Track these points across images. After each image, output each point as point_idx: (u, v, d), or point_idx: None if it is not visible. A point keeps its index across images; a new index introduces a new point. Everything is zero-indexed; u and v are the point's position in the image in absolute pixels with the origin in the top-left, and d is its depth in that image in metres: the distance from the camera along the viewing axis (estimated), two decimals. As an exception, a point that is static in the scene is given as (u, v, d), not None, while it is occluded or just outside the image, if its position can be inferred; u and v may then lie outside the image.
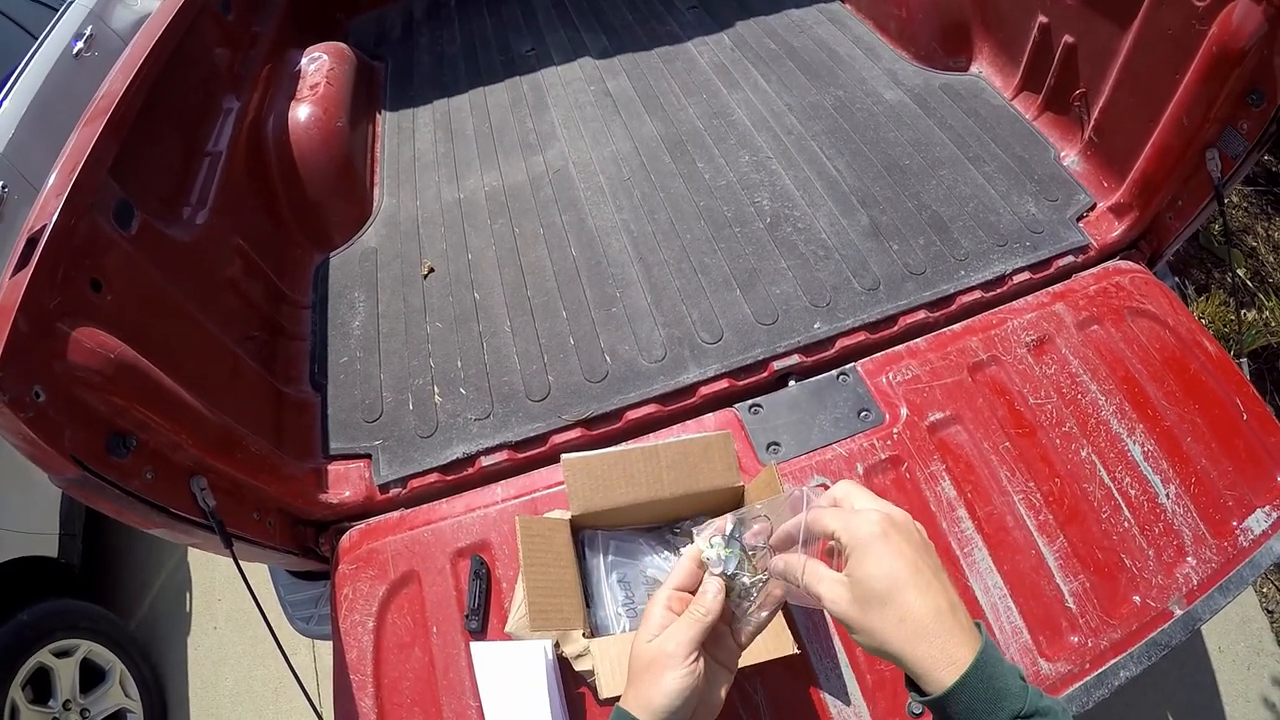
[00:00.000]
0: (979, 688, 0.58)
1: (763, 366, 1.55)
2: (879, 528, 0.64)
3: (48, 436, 0.96)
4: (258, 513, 1.34)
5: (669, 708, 0.66)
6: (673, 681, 0.67)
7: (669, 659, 0.67)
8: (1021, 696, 0.58)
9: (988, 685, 0.58)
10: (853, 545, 0.64)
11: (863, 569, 0.63)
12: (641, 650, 0.70)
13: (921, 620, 0.60)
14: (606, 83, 2.27)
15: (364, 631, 1.30)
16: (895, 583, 0.61)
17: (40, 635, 2.24)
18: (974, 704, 0.58)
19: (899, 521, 0.66)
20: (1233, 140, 1.49)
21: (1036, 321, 1.54)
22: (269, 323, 1.71)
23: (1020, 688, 0.59)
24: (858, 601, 0.63)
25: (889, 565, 0.62)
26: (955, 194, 1.78)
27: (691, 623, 0.69)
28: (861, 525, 0.64)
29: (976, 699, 0.58)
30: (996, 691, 0.58)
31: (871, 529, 0.64)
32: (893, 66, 2.16)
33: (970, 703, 0.58)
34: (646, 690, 0.68)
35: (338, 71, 2.16)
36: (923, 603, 0.61)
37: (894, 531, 0.64)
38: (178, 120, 1.65)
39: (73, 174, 1.16)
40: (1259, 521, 1.35)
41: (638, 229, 1.81)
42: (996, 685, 0.58)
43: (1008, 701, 0.58)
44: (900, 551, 0.63)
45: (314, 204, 1.96)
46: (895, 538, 0.64)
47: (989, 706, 0.58)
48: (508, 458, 1.49)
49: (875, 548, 0.63)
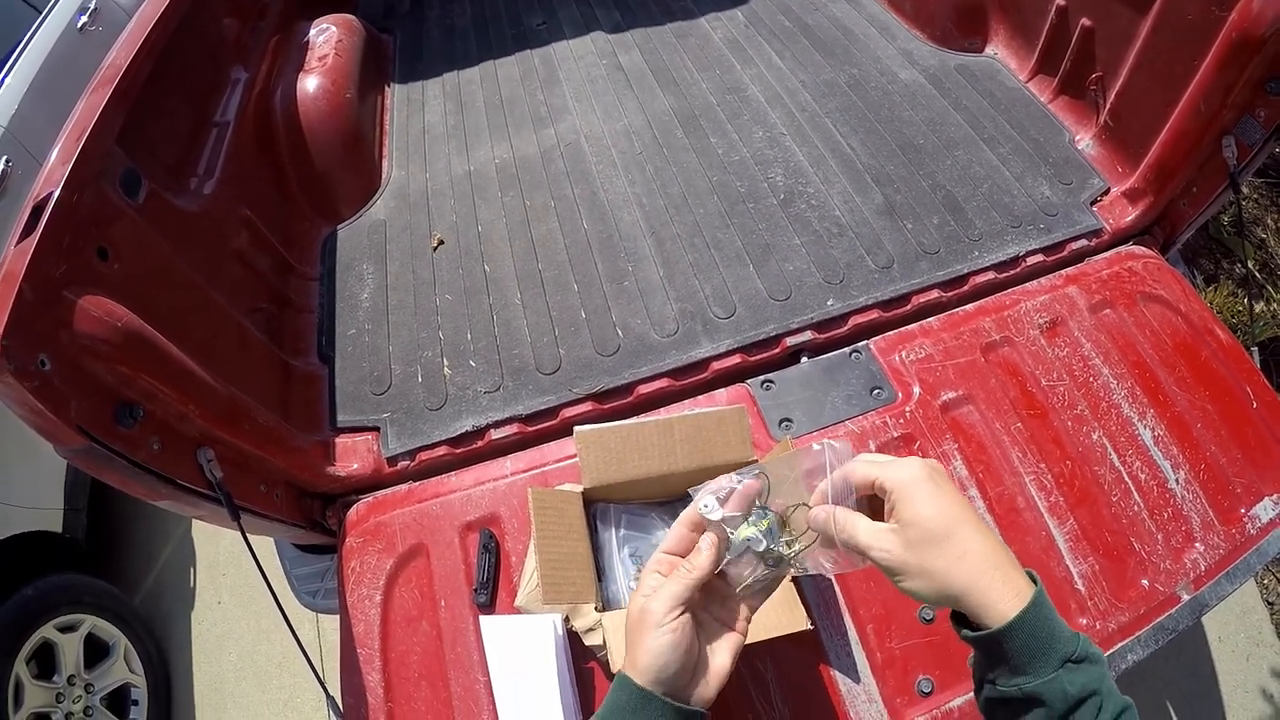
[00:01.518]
0: (1038, 624, 0.58)
1: (775, 342, 1.54)
2: (923, 470, 0.63)
3: (54, 406, 0.95)
4: (265, 485, 1.33)
5: (652, 665, 0.64)
6: (655, 639, 0.64)
7: (650, 615, 0.65)
8: (1073, 640, 0.58)
9: (1043, 625, 0.58)
10: (899, 490, 0.63)
11: (914, 510, 0.62)
12: (630, 611, 0.68)
13: (984, 553, 0.60)
14: (619, 57, 2.24)
15: (371, 605, 1.30)
16: (952, 518, 0.61)
17: (44, 610, 2.24)
18: (1030, 641, 0.58)
19: (937, 467, 0.65)
20: (1250, 128, 1.47)
21: (1049, 304, 1.53)
22: (276, 294, 1.70)
23: (1072, 632, 0.59)
24: (913, 545, 0.62)
25: (943, 503, 0.62)
26: (969, 175, 1.76)
27: (675, 578, 0.67)
28: (904, 470, 0.64)
29: (1033, 635, 0.58)
30: (1051, 632, 0.58)
31: (915, 472, 0.63)
32: (908, 46, 2.13)
33: (1026, 640, 0.58)
34: (634, 651, 0.66)
35: (346, 43, 2.13)
36: (981, 537, 0.61)
37: (939, 476, 0.64)
38: (185, 90, 1.62)
39: (79, 142, 1.14)
40: (1267, 510, 1.35)
41: (650, 203, 1.80)
42: (1051, 625, 0.58)
43: (1060, 643, 0.58)
44: (951, 494, 0.63)
45: (322, 175, 1.94)
46: (941, 481, 0.64)
47: (1042, 646, 0.58)
48: (517, 431, 1.49)
49: (925, 488, 0.62)
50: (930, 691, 1.18)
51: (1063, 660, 0.57)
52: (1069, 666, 0.57)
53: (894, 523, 0.63)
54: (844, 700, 1.18)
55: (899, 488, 0.63)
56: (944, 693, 1.18)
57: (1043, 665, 0.57)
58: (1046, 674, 0.57)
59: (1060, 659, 0.57)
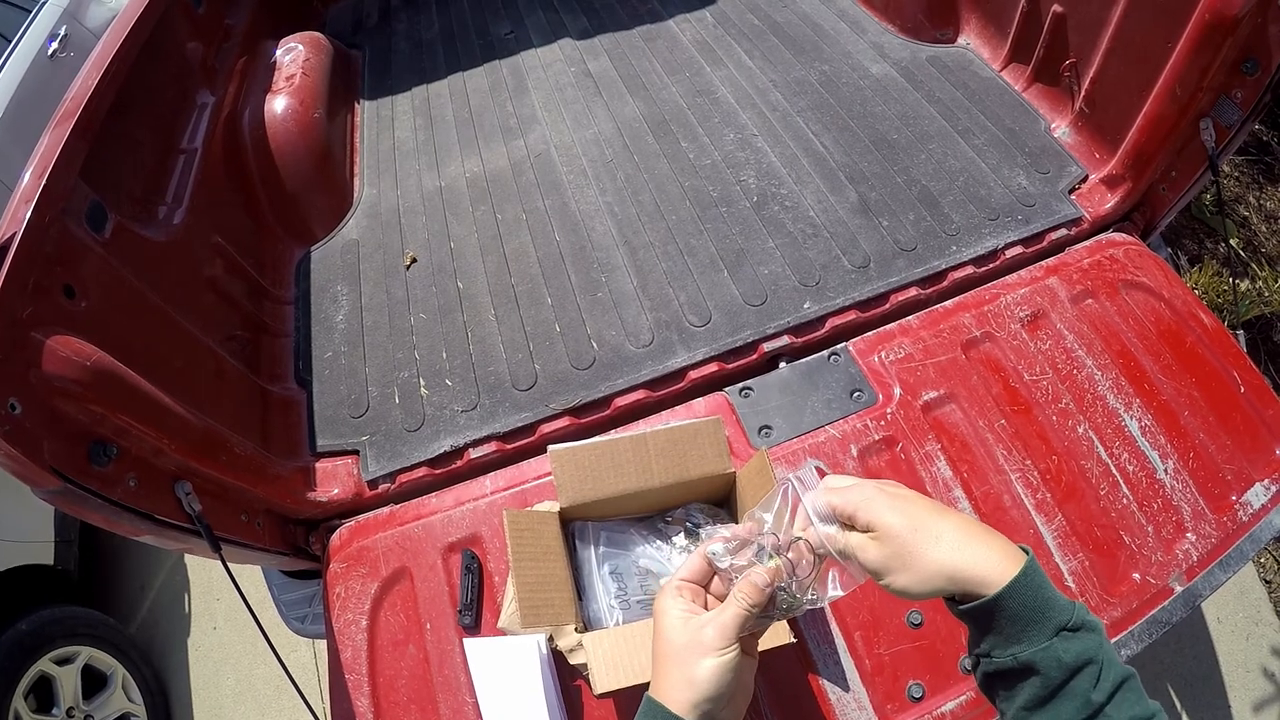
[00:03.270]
0: (1029, 593, 0.57)
1: (752, 349, 1.52)
2: (873, 488, 0.66)
3: (26, 450, 0.94)
4: (245, 514, 1.32)
5: (705, 693, 0.64)
6: (711, 666, 0.65)
7: (706, 644, 0.65)
8: (1069, 609, 0.58)
9: (1036, 594, 0.57)
10: (859, 509, 0.65)
11: (878, 518, 0.64)
12: (674, 639, 0.68)
13: (958, 531, 0.61)
14: (587, 63, 2.23)
15: (358, 630, 1.29)
16: (915, 513, 0.63)
17: (40, 644, 2.23)
18: (1022, 609, 0.57)
19: (890, 482, 0.69)
20: (1227, 109, 1.46)
21: (1030, 296, 1.52)
22: (251, 320, 1.69)
23: (1067, 601, 0.59)
24: (887, 542, 0.63)
25: (901, 503, 0.64)
26: (945, 168, 1.75)
27: (736, 606, 0.67)
28: (855, 491, 0.67)
29: (1025, 604, 0.57)
30: (1045, 600, 0.58)
31: (868, 490, 0.66)
32: (879, 40, 2.11)
33: (1019, 608, 0.57)
34: (679, 677, 0.66)
35: (314, 62, 2.12)
36: (952, 519, 0.62)
37: (889, 487, 0.67)
38: (150, 118, 1.61)
39: (41, 179, 1.13)
40: (1258, 495, 1.34)
41: (622, 211, 1.78)
42: (1044, 594, 0.58)
43: (1055, 612, 0.57)
44: (905, 493, 0.66)
45: (293, 197, 1.93)
46: (892, 489, 0.67)
47: (1036, 614, 0.57)
48: (496, 449, 1.47)
49: (880, 500, 0.65)
50: (921, 696, 1.17)
51: (1058, 629, 0.57)
52: (1064, 635, 0.57)
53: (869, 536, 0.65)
54: (834, 709, 1.17)
55: (859, 507, 0.65)
56: (935, 697, 1.17)
57: (1036, 633, 0.57)
58: (1041, 642, 0.57)
59: (1055, 627, 0.57)
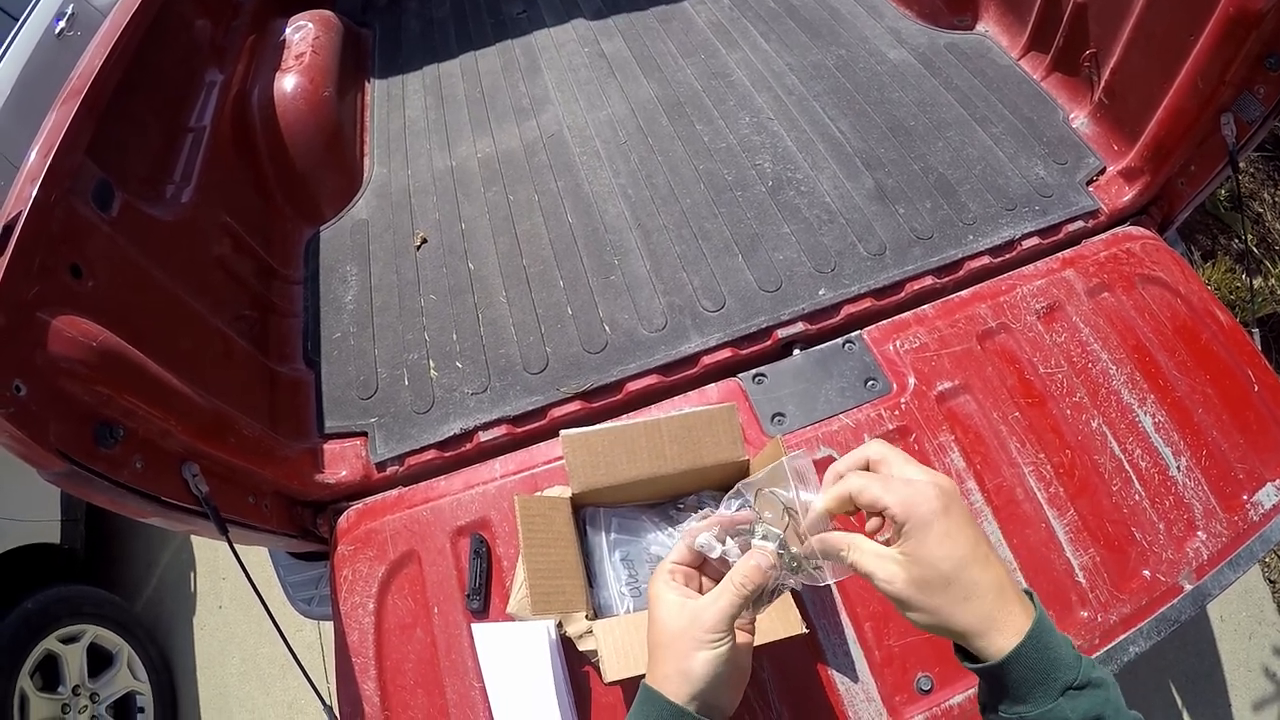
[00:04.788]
0: (1033, 657, 0.58)
1: (766, 335, 1.51)
2: (938, 503, 0.61)
3: (32, 432, 0.93)
4: (253, 496, 1.31)
5: (701, 679, 0.65)
6: (707, 653, 0.65)
7: (701, 630, 0.65)
8: (1075, 666, 0.58)
9: (1042, 654, 0.58)
10: (912, 523, 0.61)
11: (926, 549, 0.60)
12: (669, 625, 0.68)
13: (989, 593, 0.59)
14: (601, 44, 2.20)
15: (365, 613, 1.28)
16: (961, 562, 0.60)
17: (46, 622, 2.25)
18: (1028, 672, 0.58)
19: (951, 492, 0.63)
20: (1249, 105, 1.44)
21: (1046, 288, 1.50)
22: (259, 300, 1.67)
23: (1074, 658, 0.59)
24: (918, 583, 0.60)
25: (954, 545, 0.60)
26: (962, 156, 1.73)
27: (732, 593, 0.67)
28: (920, 501, 0.61)
29: (1031, 667, 0.58)
30: (1050, 661, 0.58)
31: (932, 505, 0.61)
32: (896, 25, 2.08)
33: (1024, 671, 0.58)
34: (673, 664, 0.66)
35: (324, 40, 2.09)
36: (986, 579, 0.60)
37: (954, 506, 0.62)
38: (158, 96, 1.59)
39: (47, 158, 1.11)
40: (1270, 495, 1.33)
41: (635, 194, 1.76)
42: (1050, 654, 0.58)
43: (1061, 671, 0.58)
44: (962, 529, 0.61)
45: (302, 176, 1.91)
46: (955, 513, 0.61)
47: (1042, 676, 0.58)
48: (506, 432, 1.46)
49: (938, 527, 0.60)
50: (930, 689, 1.16)
51: (1064, 688, 0.57)
52: (1070, 694, 0.57)
53: (900, 552, 0.62)
54: (842, 699, 1.17)
55: (910, 519, 0.61)
56: (944, 690, 1.16)
57: (1043, 695, 0.57)
58: (1047, 703, 0.57)
59: (1061, 687, 0.57)
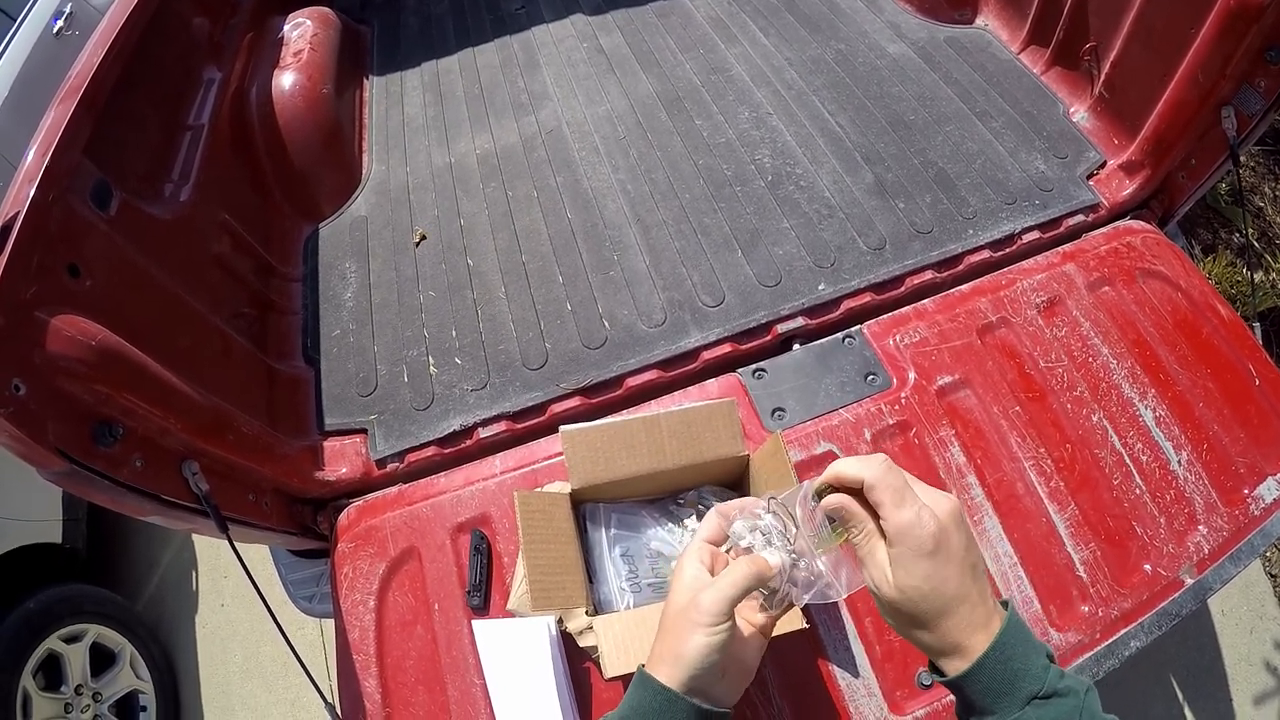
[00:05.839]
0: (995, 670, 0.59)
1: (766, 330, 1.51)
2: (931, 544, 0.61)
3: (31, 431, 0.93)
4: (253, 494, 1.31)
5: (693, 664, 0.65)
6: (703, 638, 0.65)
7: (700, 614, 0.66)
8: (1040, 678, 0.59)
9: (1004, 667, 0.59)
10: (899, 549, 0.61)
11: (909, 583, 0.61)
12: (675, 601, 0.69)
13: (957, 625, 0.61)
14: (600, 39, 2.19)
15: (365, 610, 1.28)
16: (939, 602, 0.61)
17: (48, 622, 2.25)
18: (991, 684, 0.59)
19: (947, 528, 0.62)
20: (1249, 98, 1.43)
21: (1046, 282, 1.50)
22: (259, 298, 1.67)
23: (1041, 668, 0.60)
24: (893, 602, 0.63)
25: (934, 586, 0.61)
26: (962, 151, 1.72)
27: (733, 580, 0.67)
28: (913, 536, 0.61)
29: (993, 680, 0.59)
30: (1014, 673, 0.59)
31: (923, 545, 0.61)
32: (895, 19, 2.08)
33: (988, 683, 0.59)
34: (672, 647, 0.67)
35: (322, 37, 2.08)
36: (958, 617, 0.61)
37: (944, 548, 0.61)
38: (157, 95, 1.59)
39: (45, 157, 1.11)
40: (1271, 490, 1.33)
41: (635, 190, 1.76)
42: (1014, 666, 0.59)
43: (1025, 683, 0.59)
44: (948, 569, 0.61)
45: (301, 174, 1.90)
46: (943, 554, 0.61)
47: (1006, 687, 0.59)
48: (506, 428, 1.46)
49: (923, 567, 0.61)
50: (930, 684, 1.16)
51: (1028, 698, 0.58)
52: (1036, 703, 0.58)
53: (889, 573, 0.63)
54: (843, 695, 1.17)
55: (900, 546, 0.61)
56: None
57: (1007, 705, 0.59)
58: (1012, 713, 0.58)
59: (1025, 698, 0.58)
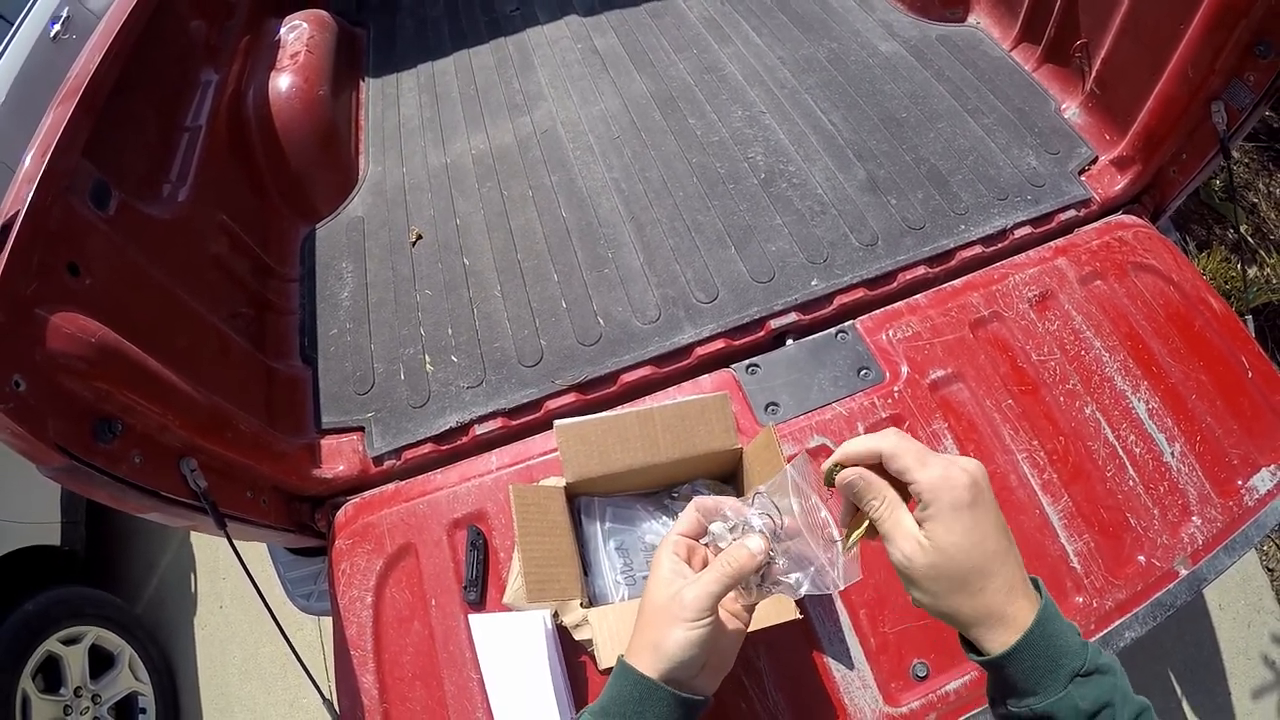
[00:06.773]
0: (1040, 646, 0.58)
1: (759, 325, 1.52)
2: (968, 494, 0.59)
3: (31, 427, 0.94)
4: (251, 491, 1.32)
5: (675, 657, 0.64)
6: (685, 632, 0.65)
7: (683, 609, 0.65)
8: (1080, 654, 0.58)
9: (1049, 644, 0.58)
10: (935, 506, 0.59)
11: (947, 539, 0.59)
12: (655, 596, 0.68)
13: (996, 592, 0.59)
14: (594, 40, 2.21)
15: (363, 607, 1.29)
16: (983, 555, 0.59)
17: (47, 624, 2.25)
18: (1035, 663, 0.58)
19: (982, 482, 0.61)
20: (1239, 93, 1.44)
21: (1038, 276, 1.51)
22: (256, 298, 1.68)
23: (1080, 645, 0.59)
24: (933, 570, 0.60)
25: (978, 535, 0.59)
26: (954, 147, 1.73)
27: (715, 575, 0.67)
28: (949, 488, 0.59)
29: (1038, 656, 0.57)
30: (1057, 650, 0.58)
31: (960, 495, 0.59)
32: (887, 18, 2.09)
33: (1032, 661, 0.58)
34: (653, 639, 0.66)
35: (318, 39, 2.09)
36: (1000, 576, 0.59)
37: (982, 499, 0.60)
38: (155, 96, 1.59)
39: (45, 157, 1.12)
40: (1264, 481, 1.33)
41: (629, 188, 1.77)
42: (1057, 644, 0.58)
43: (1067, 659, 0.58)
44: (987, 523, 0.59)
45: (298, 175, 1.91)
46: (982, 506, 0.60)
47: (1049, 665, 0.57)
48: (502, 425, 1.47)
49: (963, 519, 0.59)
50: (925, 675, 1.17)
51: (1071, 676, 0.57)
52: (1079, 681, 0.57)
53: (924, 536, 0.60)
54: (838, 686, 1.17)
55: (936, 504, 0.59)
56: (939, 676, 1.17)
57: (1051, 684, 0.57)
58: (1056, 692, 0.57)
59: (1068, 675, 0.57)
